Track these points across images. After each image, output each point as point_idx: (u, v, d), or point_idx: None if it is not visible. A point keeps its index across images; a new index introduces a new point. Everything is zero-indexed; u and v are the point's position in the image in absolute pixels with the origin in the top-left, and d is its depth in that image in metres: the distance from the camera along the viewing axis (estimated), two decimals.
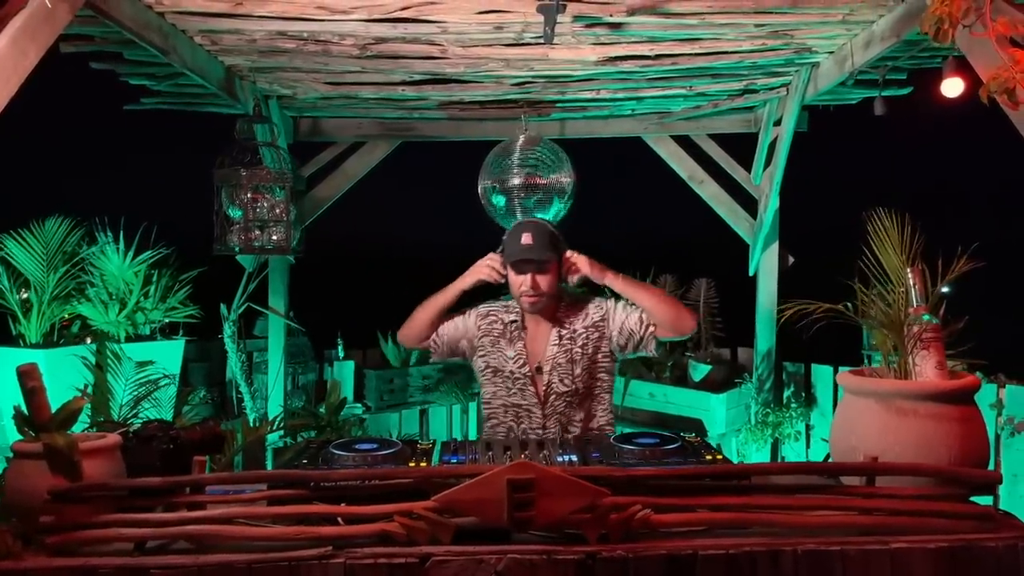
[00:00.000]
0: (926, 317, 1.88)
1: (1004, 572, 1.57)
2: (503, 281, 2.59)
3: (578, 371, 2.58)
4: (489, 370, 2.64)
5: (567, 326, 2.62)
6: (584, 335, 2.61)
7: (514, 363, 2.59)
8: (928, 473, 1.69)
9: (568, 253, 2.57)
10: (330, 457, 1.89)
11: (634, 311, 2.61)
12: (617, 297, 2.64)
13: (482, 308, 2.68)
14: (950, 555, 1.57)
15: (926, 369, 1.86)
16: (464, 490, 1.57)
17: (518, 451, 1.98)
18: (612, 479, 1.65)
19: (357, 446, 1.95)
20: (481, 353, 2.64)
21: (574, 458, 1.94)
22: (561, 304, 2.64)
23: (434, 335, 2.64)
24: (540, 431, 2.55)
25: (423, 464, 1.87)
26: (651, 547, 1.56)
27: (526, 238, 2.53)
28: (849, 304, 1.94)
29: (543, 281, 2.53)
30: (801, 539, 1.58)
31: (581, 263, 2.55)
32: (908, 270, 1.93)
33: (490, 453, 1.99)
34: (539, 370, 2.60)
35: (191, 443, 1.70)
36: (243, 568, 1.52)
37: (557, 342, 2.59)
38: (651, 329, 2.58)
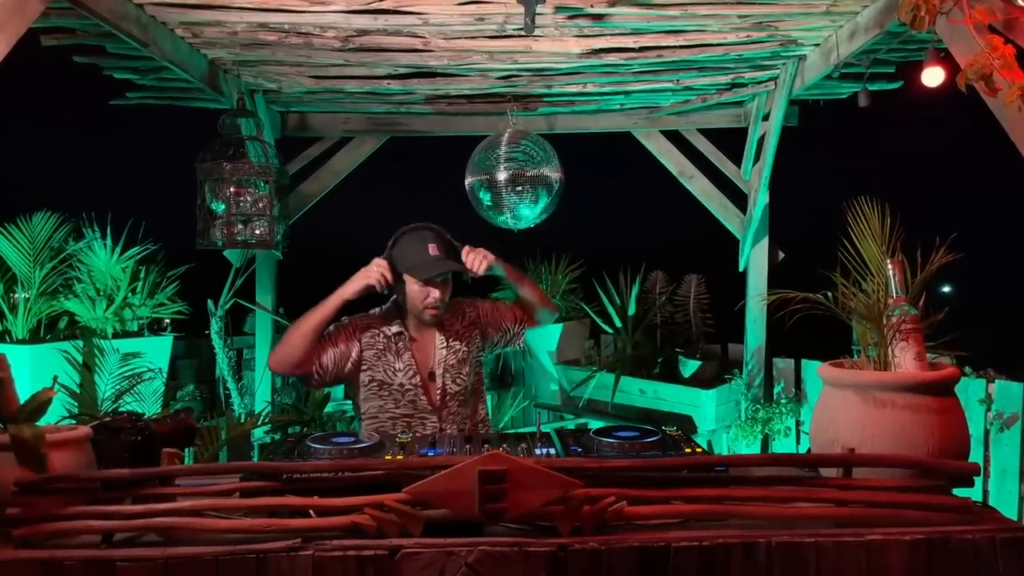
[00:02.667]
0: (905, 308, 1.87)
1: (981, 565, 1.56)
2: (387, 290, 2.46)
3: (466, 370, 2.59)
4: (375, 384, 2.52)
5: (449, 328, 2.60)
6: (466, 334, 2.62)
7: (404, 375, 2.51)
8: (904, 464, 1.67)
9: (466, 249, 2.50)
10: (306, 451, 1.88)
11: (507, 308, 2.69)
12: (481, 294, 2.68)
13: (359, 321, 2.55)
14: (926, 547, 1.55)
15: (905, 360, 1.85)
16: (435, 482, 1.55)
17: (496, 444, 1.97)
18: (585, 471, 1.64)
19: (335, 439, 1.94)
20: (365, 367, 2.52)
21: (552, 451, 1.93)
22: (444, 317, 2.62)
23: (316, 364, 2.45)
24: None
25: (399, 457, 1.85)
26: (624, 539, 1.55)
27: (432, 249, 2.45)
28: (829, 294, 1.93)
29: (447, 292, 2.50)
30: (776, 531, 1.56)
31: (486, 255, 2.49)
32: (888, 261, 1.92)
33: (468, 446, 1.98)
34: (431, 376, 2.56)
35: (161, 435, 1.69)
36: (210, 561, 1.50)
37: (445, 345, 2.57)
38: (523, 324, 2.68)
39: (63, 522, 1.55)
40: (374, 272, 2.43)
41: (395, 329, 2.53)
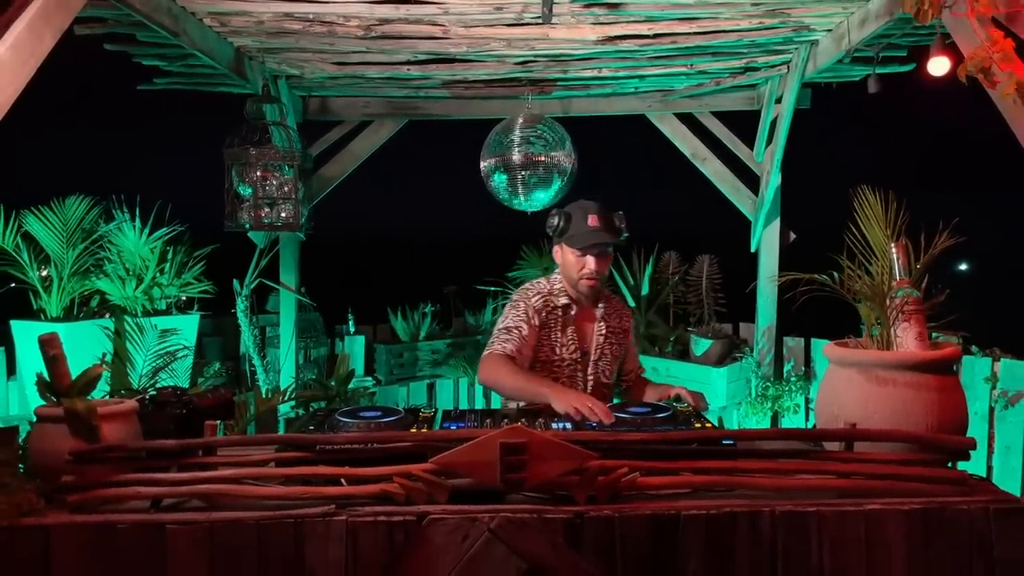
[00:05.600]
0: (908, 290, 1.94)
1: (975, 534, 1.63)
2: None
3: (614, 368, 2.66)
4: (538, 363, 2.54)
5: (608, 321, 2.63)
6: (621, 336, 2.67)
7: (566, 349, 2.55)
8: (904, 439, 1.75)
9: (676, 391, 2.46)
10: (336, 424, 1.96)
11: (634, 358, 2.79)
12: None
13: (535, 301, 2.54)
14: (923, 517, 1.63)
15: (907, 340, 1.91)
16: (460, 453, 1.65)
17: (515, 419, 2.05)
18: (601, 443, 1.72)
19: (362, 414, 2.02)
20: (537, 346, 2.54)
21: (568, 425, 2.02)
22: (602, 295, 2.65)
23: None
24: None
25: (424, 430, 1.93)
26: (637, 508, 1.63)
27: (593, 220, 2.48)
28: (836, 275, 2.00)
29: (605, 265, 2.53)
30: (780, 501, 1.64)
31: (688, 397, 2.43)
32: (892, 245, 1.98)
33: (488, 420, 2.07)
34: (585, 357, 2.59)
35: (203, 409, 1.80)
36: (251, 525, 1.60)
37: (603, 334, 2.61)
38: (625, 382, 2.77)
39: (115, 488, 1.66)
40: (584, 408, 2.07)
41: (563, 301, 2.57)
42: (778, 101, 3.99)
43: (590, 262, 2.48)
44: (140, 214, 3.96)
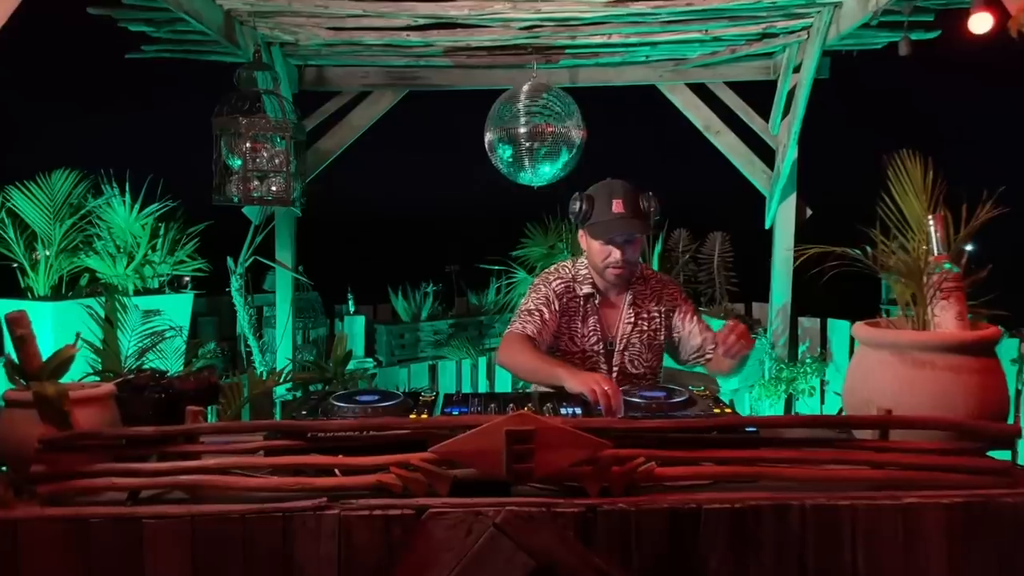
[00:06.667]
0: (947, 266, 1.80)
1: (1021, 529, 1.52)
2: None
3: (649, 356, 2.44)
4: (558, 352, 2.40)
5: (641, 303, 2.43)
6: (657, 319, 2.44)
7: (587, 341, 2.39)
8: (943, 426, 1.63)
9: (730, 325, 2.16)
10: (330, 409, 1.87)
11: (704, 331, 2.44)
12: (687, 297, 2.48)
13: (555, 286, 2.39)
14: (965, 511, 1.52)
15: (945, 320, 1.79)
16: (462, 441, 1.53)
17: (522, 404, 1.94)
18: (614, 431, 1.61)
19: (359, 398, 1.93)
20: (557, 335, 2.40)
21: (578, 411, 1.90)
22: (634, 277, 2.43)
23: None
24: None
25: (424, 416, 1.84)
26: (654, 500, 1.52)
27: (617, 205, 2.28)
28: (868, 249, 1.86)
29: (633, 252, 2.34)
30: (809, 494, 1.53)
31: (748, 341, 2.16)
32: (930, 217, 1.85)
33: (493, 405, 1.95)
34: (610, 347, 2.41)
35: (185, 393, 1.67)
36: (237, 519, 1.49)
37: (632, 321, 2.41)
38: (701, 360, 2.45)
39: (88, 479, 1.54)
40: (599, 390, 1.94)
41: (586, 290, 2.40)
42: (796, 70, 3.83)
43: (616, 251, 2.30)
44: (130, 189, 3.83)
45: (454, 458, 1.54)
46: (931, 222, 1.86)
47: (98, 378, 2.21)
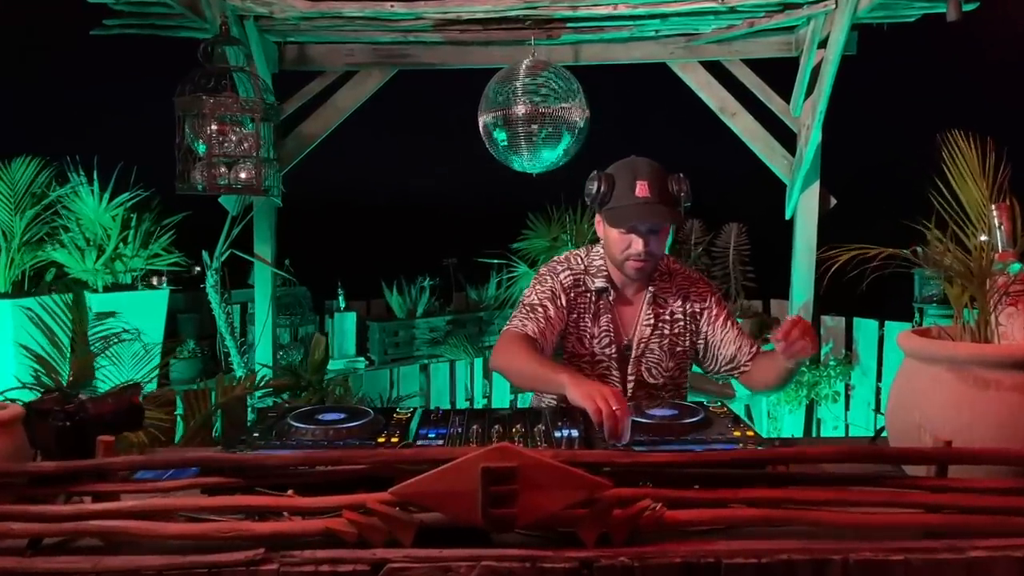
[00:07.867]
0: (1016, 266, 1.53)
1: None
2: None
3: (671, 364, 2.14)
4: (566, 354, 2.13)
5: (662, 302, 2.13)
6: (681, 321, 2.14)
7: (597, 342, 2.10)
8: (1015, 460, 1.37)
9: (790, 321, 1.96)
10: (286, 430, 1.64)
11: (739, 338, 2.15)
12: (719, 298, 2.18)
13: (563, 278, 2.10)
14: None
15: (1013, 330, 1.54)
16: (428, 481, 1.27)
17: (510, 425, 1.67)
18: (616, 466, 1.34)
19: (321, 416, 1.70)
20: (566, 334, 2.12)
21: (575, 433, 1.62)
22: (657, 272, 2.14)
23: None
24: None
25: (394, 440, 1.59)
26: (663, 552, 1.27)
27: (641, 188, 1.95)
28: (920, 249, 1.58)
29: (658, 244, 2.03)
30: (851, 543, 1.28)
31: (813, 342, 1.95)
32: (993, 207, 1.59)
33: (476, 426, 1.68)
34: (626, 350, 2.12)
35: (98, 418, 1.40)
36: (152, 574, 1.24)
37: (651, 322, 2.11)
38: (735, 373, 2.17)
39: None
40: (604, 409, 1.63)
41: (599, 284, 2.10)
42: (821, 45, 3.53)
43: (637, 242, 1.99)
44: (99, 177, 3.59)
45: (419, 501, 1.28)
46: (995, 212, 1.58)
47: (31, 394, 1.94)
